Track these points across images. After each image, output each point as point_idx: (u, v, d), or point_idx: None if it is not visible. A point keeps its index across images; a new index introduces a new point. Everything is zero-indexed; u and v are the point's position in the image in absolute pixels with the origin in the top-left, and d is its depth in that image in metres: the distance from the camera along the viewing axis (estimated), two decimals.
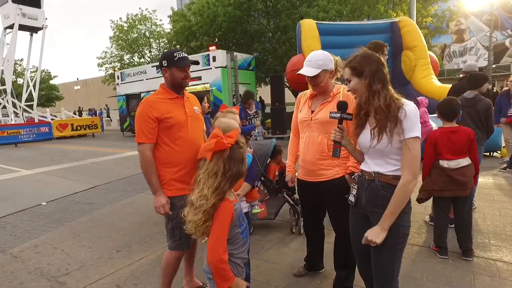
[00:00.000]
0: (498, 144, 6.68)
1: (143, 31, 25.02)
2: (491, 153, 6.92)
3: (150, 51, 25.52)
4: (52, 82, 36.90)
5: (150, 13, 25.13)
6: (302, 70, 2.21)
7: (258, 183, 3.54)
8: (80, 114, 28.04)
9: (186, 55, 2.22)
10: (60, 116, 19.86)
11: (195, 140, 2.23)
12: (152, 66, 15.44)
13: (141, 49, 25.27)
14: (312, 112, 2.29)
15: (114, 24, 24.47)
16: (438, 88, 7.28)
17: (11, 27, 17.64)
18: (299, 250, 3.12)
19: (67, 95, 45.11)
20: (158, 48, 25.41)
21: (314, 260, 2.72)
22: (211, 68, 12.51)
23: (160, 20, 37.91)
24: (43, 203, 5.41)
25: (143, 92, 15.07)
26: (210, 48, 12.70)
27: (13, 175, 5.45)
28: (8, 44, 18.06)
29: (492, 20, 16.27)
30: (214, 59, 12.40)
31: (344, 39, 8.52)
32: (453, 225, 3.10)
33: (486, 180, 5.18)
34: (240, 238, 1.60)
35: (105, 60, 25.46)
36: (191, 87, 11.33)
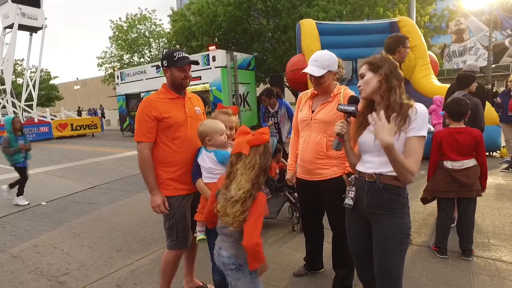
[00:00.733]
0: (498, 144, 6.69)
1: (143, 31, 25.04)
2: (491, 153, 6.92)
3: (150, 51, 25.53)
4: (52, 82, 36.87)
5: (150, 13, 25.20)
6: (308, 69, 2.20)
7: None
8: (80, 114, 28.01)
9: (186, 55, 2.22)
10: (60, 116, 19.85)
11: (195, 141, 2.20)
12: (152, 66, 15.39)
13: (141, 49, 25.28)
14: (313, 112, 2.29)
15: (114, 24, 24.50)
16: (438, 88, 7.28)
17: (11, 27, 17.57)
18: (299, 250, 3.12)
19: (67, 95, 45.10)
20: (158, 48, 25.43)
21: (314, 260, 2.72)
22: (211, 68, 12.49)
23: (160, 20, 38.00)
24: (43, 203, 5.41)
25: (143, 92, 15.05)
26: (210, 48, 12.67)
27: (13, 175, 5.46)
28: (8, 44, 18.00)
29: (492, 20, 16.25)
30: (214, 59, 12.38)
31: (344, 39, 8.53)
32: (454, 225, 3.11)
33: None
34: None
35: (105, 60, 25.49)
36: (191, 87, 11.32)
